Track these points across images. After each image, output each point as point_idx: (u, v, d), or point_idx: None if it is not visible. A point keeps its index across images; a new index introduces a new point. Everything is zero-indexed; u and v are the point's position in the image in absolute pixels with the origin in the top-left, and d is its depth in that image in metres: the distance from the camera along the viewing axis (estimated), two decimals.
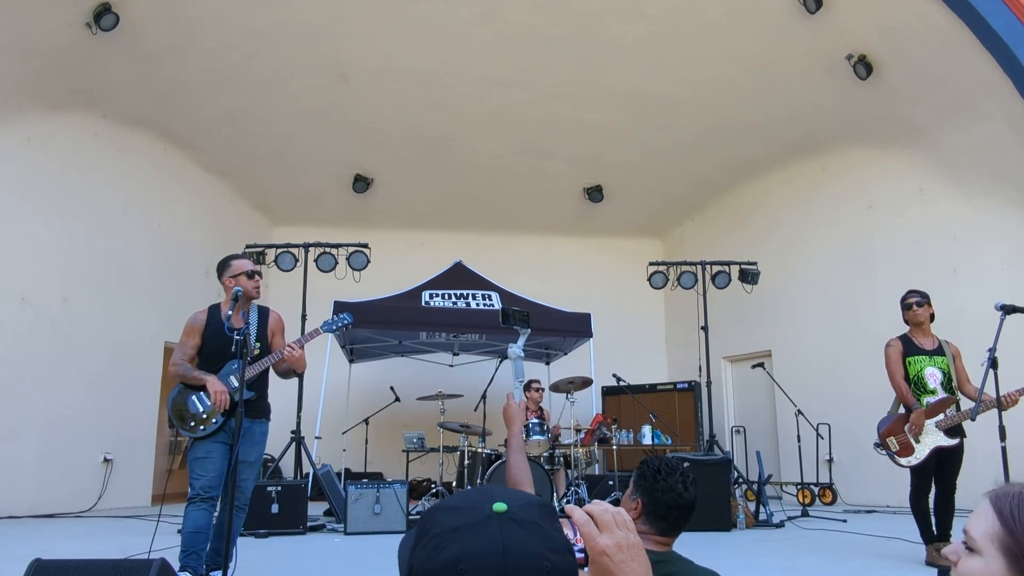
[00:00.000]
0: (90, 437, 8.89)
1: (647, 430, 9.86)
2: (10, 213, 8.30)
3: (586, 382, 8.43)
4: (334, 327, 4.63)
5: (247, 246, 9.29)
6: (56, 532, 6.89)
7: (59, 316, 8.71)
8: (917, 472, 5.15)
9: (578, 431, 8.36)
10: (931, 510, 5.14)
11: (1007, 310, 4.45)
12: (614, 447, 8.90)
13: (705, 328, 9.72)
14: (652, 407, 9.94)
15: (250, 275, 4.35)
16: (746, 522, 7.37)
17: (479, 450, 7.83)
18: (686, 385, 11.06)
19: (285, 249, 9.37)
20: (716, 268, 10.16)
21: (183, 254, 10.55)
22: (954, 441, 5.08)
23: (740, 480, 8.90)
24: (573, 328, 10.10)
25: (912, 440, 5.10)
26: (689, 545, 5.70)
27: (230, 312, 4.19)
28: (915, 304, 5.39)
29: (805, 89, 9.50)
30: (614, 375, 9.61)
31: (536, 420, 7.60)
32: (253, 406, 4.29)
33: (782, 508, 8.51)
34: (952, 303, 8.82)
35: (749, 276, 10.09)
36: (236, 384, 4.17)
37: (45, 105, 8.60)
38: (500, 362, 9.09)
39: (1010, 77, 7.72)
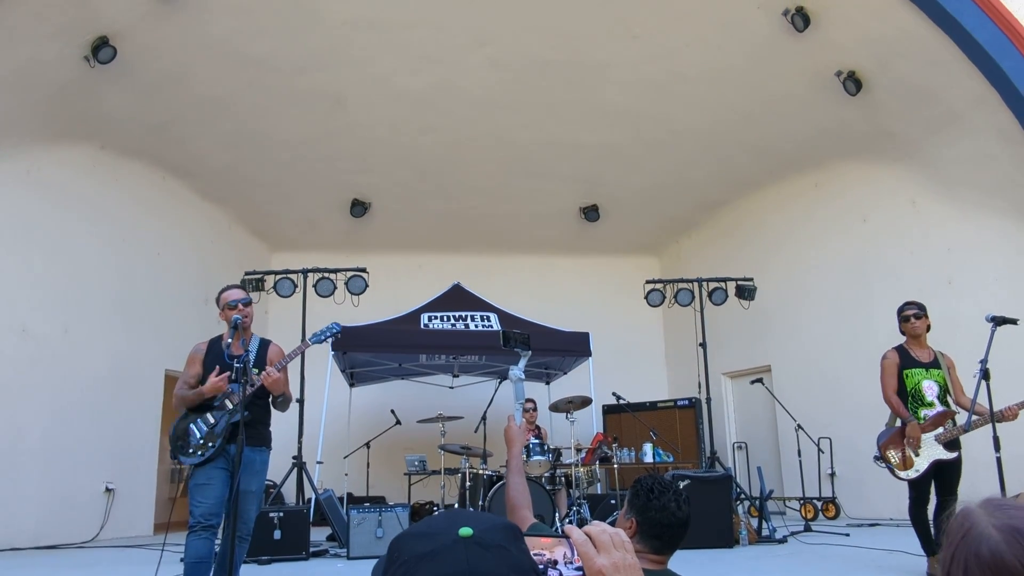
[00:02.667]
0: (91, 467, 8.89)
1: (648, 448, 9.86)
2: (10, 245, 8.35)
3: (585, 401, 8.43)
4: (322, 338, 4.68)
5: (246, 273, 9.33)
6: (59, 563, 6.88)
7: (60, 346, 8.74)
8: (916, 485, 5.16)
9: (579, 450, 8.35)
10: (931, 522, 5.14)
11: (997, 321, 4.49)
12: (615, 466, 8.89)
13: (703, 345, 9.74)
14: (653, 425, 9.94)
15: (231, 305, 4.41)
16: (749, 538, 7.36)
17: (480, 472, 7.83)
18: (686, 402, 11.07)
19: (284, 275, 9.41)
20: (713, 285, 10.20)
21: (182, 282, 10.60)
22: (953, 454, 5.08)
23: (742, 496, 8.89)
24: (572, 347, 10.12)
25: (912, 453, 5.10)
26: (692, 563, 5.72)
27: (230, 341, 4.26)
28: (913, 316, 5.39)
29: (796, 105, 9.60)
30: (614, 393, 9.61)
31: (536, 440, 7.61)
32: (251, 432, 4.30)
33: (785, 523, 8.50)
34: (948, 314, 8.84)
35: (745, 292, 10.14)
36: (230, 405, 4.24)
37: (44, 138, 8.69)
38: (499, 383, 9.11)
39: (997, 90, 7.81)
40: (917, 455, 5.09)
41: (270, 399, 4.48)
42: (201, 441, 4.23)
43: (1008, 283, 8.58)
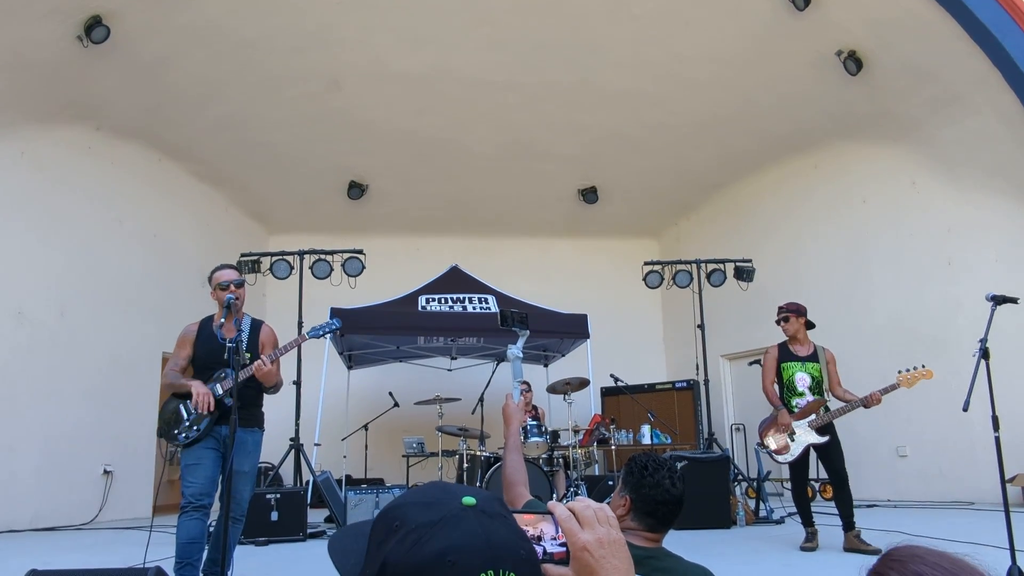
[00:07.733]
0: (90, 449, 8.89)
1: (646, 429, 9.86)
2: (5, 227, 8.30)
3: (583, 383, 8.42)
4: (320, 333, 4.61)
5: (242, 255, 9.29)
6: (57, 545, 6.89)
7: (56, 329, 8.71)
8: (793, 467, 5.77)
9: (576, 432, 8.36)
10: (811, 500, 5.87)
11: (998, 300, 4.47)
12: (613, 447, 8.90)
13: (702, 326, 9.72)
14: (651, 406, 9.93)
15: (223, 286, 4.34)
16: (746, 519, 7.38)
17: (478, 453, 7.84)
18: (685, 384, 11.06)
19: (280, 257, 9.36)
20: (711, 266, 10.16)
21: (179, 265, 10.55)
22: (824, 438, 5.68)
23: (740, 477, 8.90)
24: (570, 329, 10.10)
25: (788, 439, 5.68)
26: (689, 544, 5.72)
27: (222, 322, 4.21)
28: (782, 320, 6.02)
29: (796, 86, 9.52)
30: (612, 375, 9.61)
31: (533, 422, 7.61)
32: (242, 414, 4.26)
33: (782, 504, 8.51)
34: (948, 295, 8.84)
35: (744, 274, 10.10)
36: (220, 391, 4.18)
37: (38, 119, 8.62)
38: (497, 365, 9.09)
39: (999, 69, 7.75)
40: (793, 440, 5.68)
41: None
42: (188, 423, 4.20)
43: (1008, 263, 8.55)
